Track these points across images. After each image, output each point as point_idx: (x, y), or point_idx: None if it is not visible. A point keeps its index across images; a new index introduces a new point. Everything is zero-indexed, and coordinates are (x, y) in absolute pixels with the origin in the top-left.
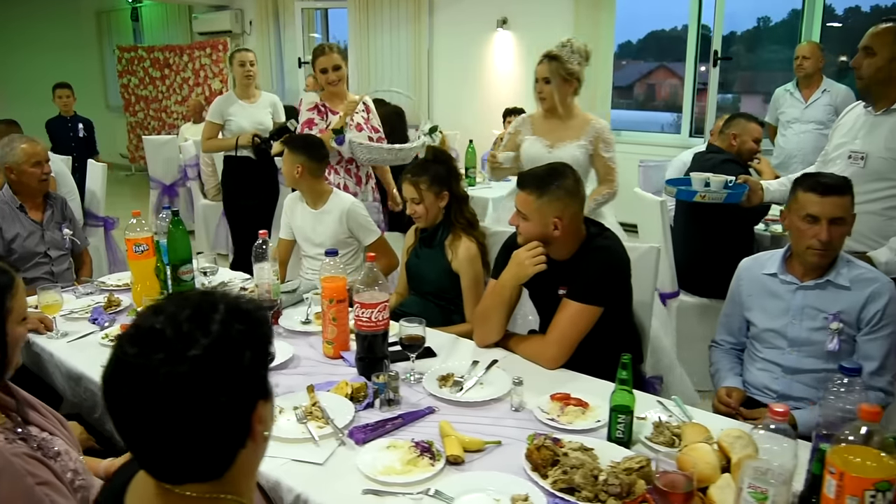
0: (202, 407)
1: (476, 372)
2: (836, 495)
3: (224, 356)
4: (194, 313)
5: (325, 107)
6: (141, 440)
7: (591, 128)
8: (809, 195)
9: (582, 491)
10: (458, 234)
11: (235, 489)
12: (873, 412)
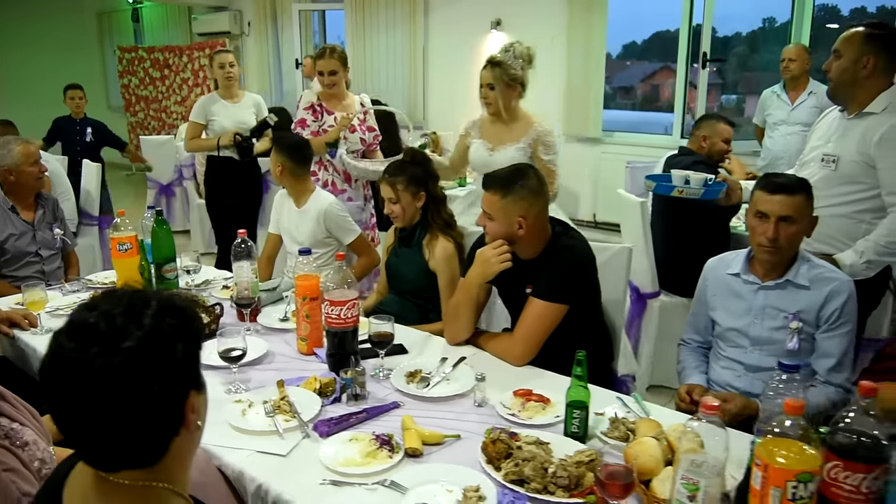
0: (136, 396)
1: (444, 369)
2: (762, 486)
3: (157, 348)
4: (127, 309)
5: (321, 106)
6: (78, 430)
7: (533, 130)
8: (760, 193)
9: (531, 482)
10: (435, 234)
11: (168, 477)
12: (796, 406)
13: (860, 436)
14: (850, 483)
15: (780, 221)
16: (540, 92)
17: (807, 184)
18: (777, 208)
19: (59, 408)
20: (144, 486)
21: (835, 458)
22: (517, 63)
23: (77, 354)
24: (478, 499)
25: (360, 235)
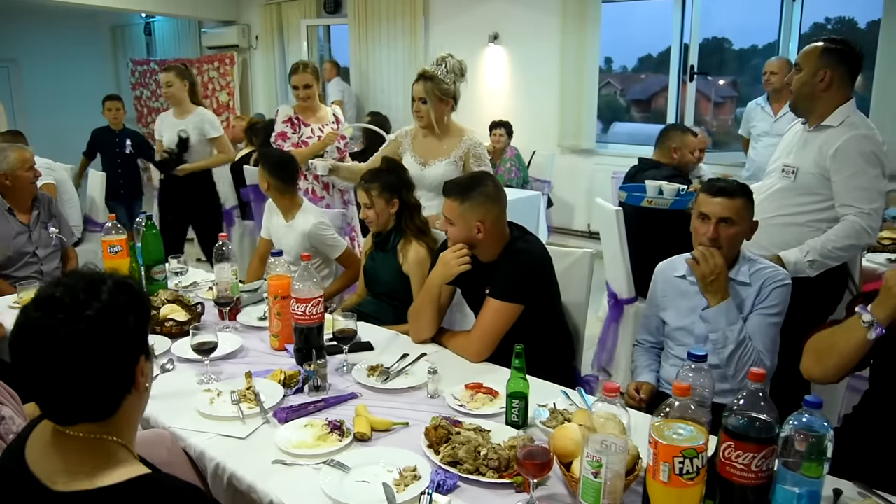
0: (95, 359)
1: (403, 364)
2: (654, 461)
3: (113, 318)
4: (88, 285)
5: (297, 119)
6: (43, 388)
7: (463, 143)
8: (703, 195)
9: (464, 464)
10: (409, 239)
11: (118, 432)
12: (683, 388)
13: (751, 418)
14: (742, 462)
15: (720, 223)
16: (535, 104)
17: (747, 188)
18: (717, 210)
19: (27, 370)
20: (96, 438)
21: (728, 438)
22: (449, 77)
23: (44, 322)
24: (413, 478)
25: (346, 250)
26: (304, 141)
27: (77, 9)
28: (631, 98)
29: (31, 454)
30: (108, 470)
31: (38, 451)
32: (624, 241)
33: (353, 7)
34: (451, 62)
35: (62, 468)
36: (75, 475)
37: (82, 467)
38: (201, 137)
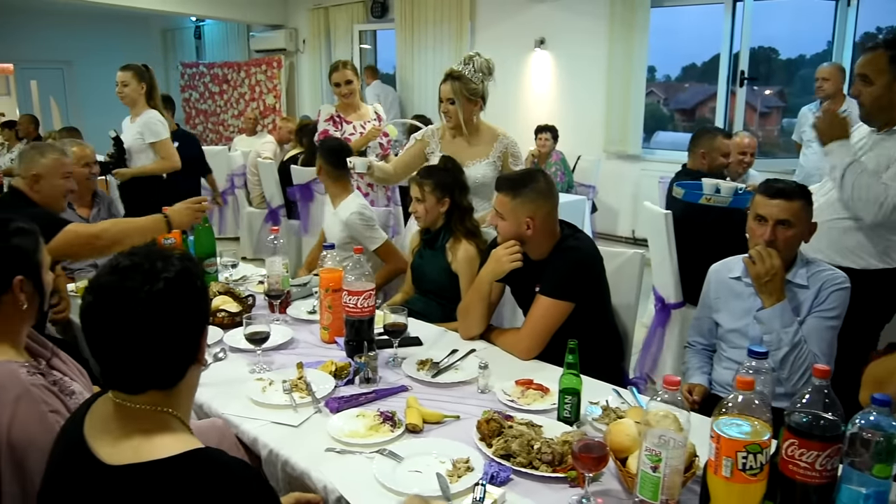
0: (171, 319)
1: (453, 359)
2: (716, 456)
3: (187, 281)
4: (160, 254)
5: (339, 117)
6: (116, 354)
7: (500, 143)
8: (760, 197)
9: (517, 457)
10: (458, 238)
11: (178, 405)
12: (747, 382)
13: (815, 415)
14: (805, 460)
15: (777, 225)
16: (581, 109)
17: (806, 190)
18: (775, 212)
19: (98, 336)
20: (156, 410)
21: (792, 436)
22: (477, 76)
23: (121, 284)
24: (466, 469)
25: (385, 242)
26: (346, 138)
27: (130, 12)
28: (674, 107)
29: (90, 428)
30: (164, 442)
31: (98, 426)
32: (672, 245)
33: (399, 11)
34: (478, 61)
35: (121, 440)
36: (133, 447)
37: (140, 439)
38: (143, 141)
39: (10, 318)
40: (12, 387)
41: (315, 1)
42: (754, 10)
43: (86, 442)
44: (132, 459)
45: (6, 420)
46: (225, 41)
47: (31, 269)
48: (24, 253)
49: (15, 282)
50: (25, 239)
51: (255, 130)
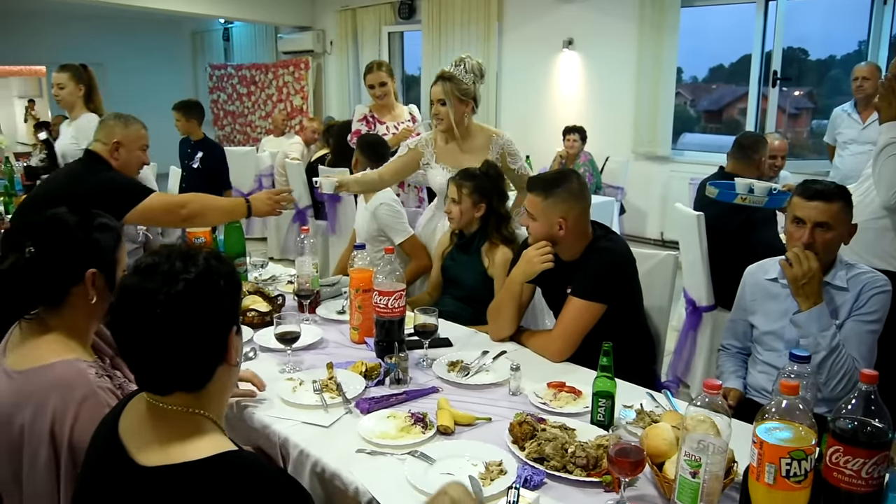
0: (192, 321)
1: (484, 360)
2: (758, 462)
3: (208, 281)
4: (183, 255)
5: (373, 117)
6: (140, 353)
7: (495, 144)
8: (798, 199)
9: (551, 460)
10: (495, 243)
11: (209, 406)
12: (792, 386)
13: (862, 421)
14: (851, 468)
15: (816, 227)
16: (609, 110)
17: (845, 191)
18: (813, 214)
19: (126, 336)
20: (188, 412)
21: (836, 442)
22: (468, 77)
23: (142, 285)
24: (499, 472)
25: (411, 237)
26: None
27: (160, 15)
28: (701, 109)
29: (125, 429)
30: (196, 444)
31: (132, 426)
32: (704, 247)
33: (427, 13)
34: (469, 62)
35: (154, 441)
36: (165, 448)
37: (172, 441)
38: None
39: (78, 311)
40: (80, 386)
41: (343, 2)
42: (787, 7)
43: (121, 442)
44: (165, 461)
45: (70, 420)
46: (253, 43)
47: (106, 264)
48: (103, 248)
49: (87, 274)
50: (106, 235)
51: (283, 131)
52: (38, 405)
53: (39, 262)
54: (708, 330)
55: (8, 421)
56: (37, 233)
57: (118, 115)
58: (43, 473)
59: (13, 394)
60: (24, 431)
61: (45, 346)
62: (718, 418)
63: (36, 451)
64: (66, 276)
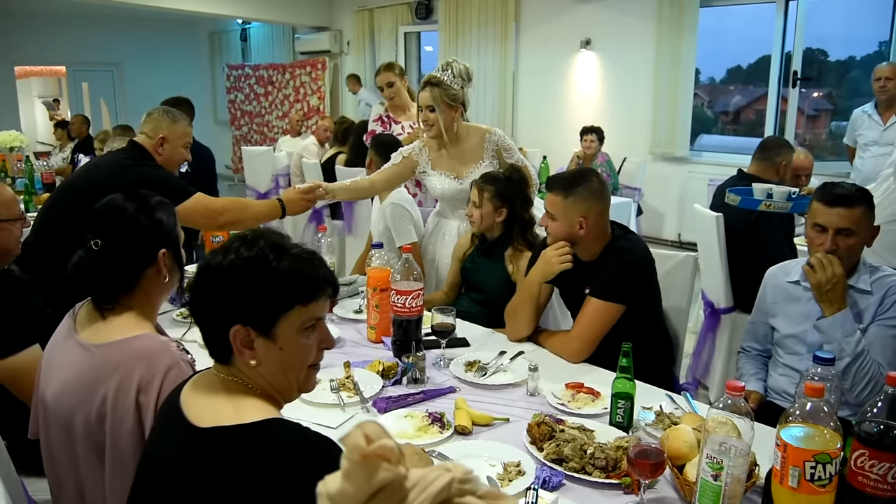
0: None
1: (501, 360)
2: (781, 466)
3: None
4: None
5: (388, 117)
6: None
7: (489, 142)
8: (818, 205)
9: (570, 462)
10: (518, 249)
11: (259, 382)
12: (817, 389)
13: (888, 425)
14: (876, 472)
15: (837, 234)
16: (627, 110)
17: (867, 194)
18: (835, 220)
19: (203, 308)
20: (242, 384)
21: (862, 446)
22: (457, 82)
23: (220, 260)
24: (517, 473)
25: (413, 244)
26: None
27: (178, 16)
28: (719, 110)
29: (185, 397)
30: (247, 410)
31: (192, 395)
32: (723, 249)
33: (444, 13)
34: (456, 67)
35: (208, 405)
36: (217, 411)
37: (225, 405)
38: None
39: (152, 291)
40: (165, 357)
41: (360, 3)
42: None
43: (180, 407)
44: (217, 423)
45: (156, 389)
46: (270, 43)
47: (172, 242)
48: (167, 227)
49: (160, 255)
50: (166, 213)
51: (300, 131)
52: (124, 375)
53: (111, 252)
54: (726, 332)
55: (90, 393)
56: (101, 225)
57: (166, 109)
58: (128, 443)
59: (94, 366)
60: (106, 402)
61: (121, 322)
62: (741, 421)
63: (121, 421)
64: (140, 260)
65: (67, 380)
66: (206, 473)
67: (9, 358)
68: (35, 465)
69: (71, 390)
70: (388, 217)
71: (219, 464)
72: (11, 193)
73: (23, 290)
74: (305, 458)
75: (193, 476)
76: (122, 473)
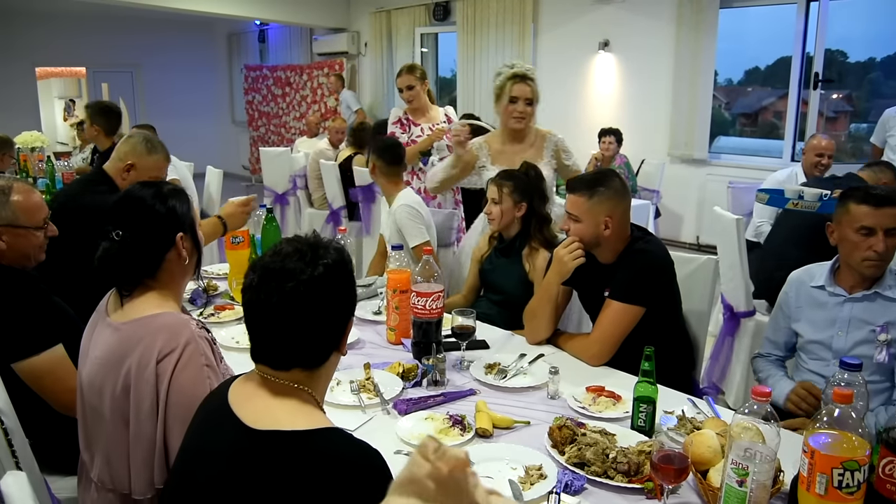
0: (326, 302)
1: (521, 363)
2: (808, 472)
3: (342, 269)
4: (319, 243)
5: (408, 119)
6: (271, 330)
7: (549, 142)
8: (863, 207)
9: (592, 466)
10: (535, 248)
11: (316, 387)
12: (845, 395)
13: None
14: None
15: (887, 234)
16: (645, 112)
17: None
18: (885, 221)
19: (261, 312)
20: (297, 388)
21: (890, 453)
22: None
23: (286, 265)
24: (539, 476)
25: (424, 242)
26: (414, 140)
27: (197, 17)
28: (738, 112)
29: (234, 398)
30: (301, 416)
31: (242, 396)
32: (744, 252)
33: (461, 14)
34: (526, 64)
35: (261, 408)
36: (271, 416)
37: (278, 410)
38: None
39: (174, 273)
40: (184, 332)
41: (377, 4)
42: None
43: (230, 408)
44: (275, 426)
45: (174, 360)
46: (288, 44)
47: (189, 226)
48: (181, 213)
49: (177, 238)
50: (180, 199)
51: (317, 133)
52: (147, 346)
53: (133, 241)
54: (746, 336)
55: (116, 368)
56: (121, 217)
57: (147, 138)
58: (147, 415)
59: (120, 342)
60: (130, 374)
61: (146, 301)
62: (766, 426)
63: (142, 392)
64: (161, 246)
65: (98, 358)
66: (258, 476)
67: (32, 358)
68: (58, 463)
69: (100, 367)
70: (399, 218)
71: (274, 468)
72: (38, 200)
73: (44, 291)
74: (360, 470)
75: (245, 478)
76: (143, 447)
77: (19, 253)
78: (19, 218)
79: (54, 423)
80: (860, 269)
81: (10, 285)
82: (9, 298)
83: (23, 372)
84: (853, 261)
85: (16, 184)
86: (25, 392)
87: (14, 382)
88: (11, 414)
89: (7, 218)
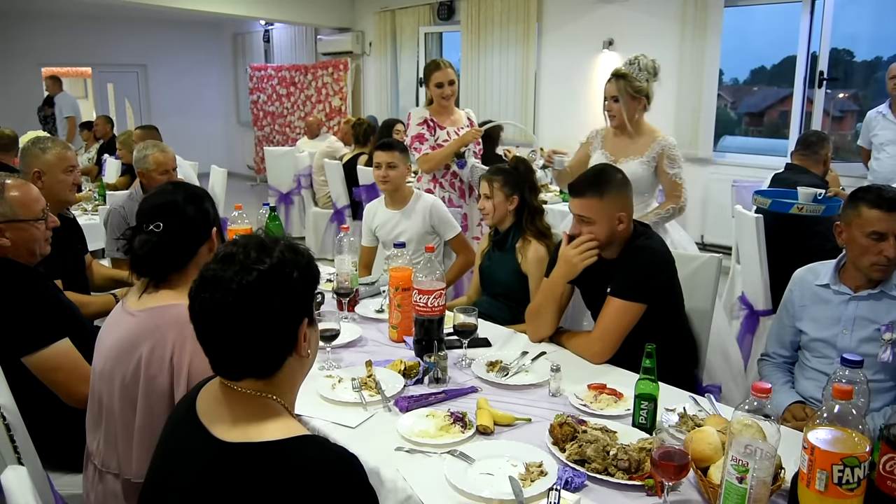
0: (263, 310)
1: (523, 361)
2: (808, 469)
3: (281, 273)
4: (260, 245)
5: (433, 122)
6: (213, 340)
7: (657, 144)
8: (875, 212)
9: (592, 463)
10: (528, 239)
11: (280, 392)
12: (845, 391)
13: None
14: None
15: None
16: (650, 111)
17: None
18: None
19: (201, 321)
20: (260, 395)
21: (891, 450)
22: (642, 75)
23: (219, 273)
24: (539, 473)
25: (460, 233)
26: (440, 144)
27: (202, 17)
28: (742, 111)
29: (201, 406)
30: (270, 426)
31: (210, 407)
32: (763, 250)
33: (465, 14)
34: (643, 61)
35: (229, 419)
36: (242, 427)
37: (249, 421)
38: None
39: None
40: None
41: (382, 4)
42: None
43: (198, 418)
44: (245, 438)
45: (188, 352)
46: (293, 44)
47: (218, 223)
48: (210, 213)
49: (213, 232)
50: (210, 200)
51: (317, 134)
52: (159, 338)
53: (174, 232)
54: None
55: (129, 351)
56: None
57: (36, 139)
58: (160, 400)
59: (135, 328)
60: (141, 362)
61: (167, 294)
62: (766, 423)
63: (153, 380)
64: (198, 237)
65: (113, 342)
66: (230, 490)
67: (40, 351)
68: (62, 460)
69: (114, 351)
70: (435, 214)
71: (246, 481)
72: (35, 193)
73: (52, 286)
74: (335, 478)
75: (217, 492)
76: (148, 434)
77: (24, 248)
78: (18, 212)
79: (59, 420)
80: (869, 272)
81: (16, 281)
82: (16, 293)
83: (33, 365)
84: (862, 264)
85: (9, 180)
86: (31, 389)
87: (19, 380)
88: (14, 409)
89: (7, 214)
